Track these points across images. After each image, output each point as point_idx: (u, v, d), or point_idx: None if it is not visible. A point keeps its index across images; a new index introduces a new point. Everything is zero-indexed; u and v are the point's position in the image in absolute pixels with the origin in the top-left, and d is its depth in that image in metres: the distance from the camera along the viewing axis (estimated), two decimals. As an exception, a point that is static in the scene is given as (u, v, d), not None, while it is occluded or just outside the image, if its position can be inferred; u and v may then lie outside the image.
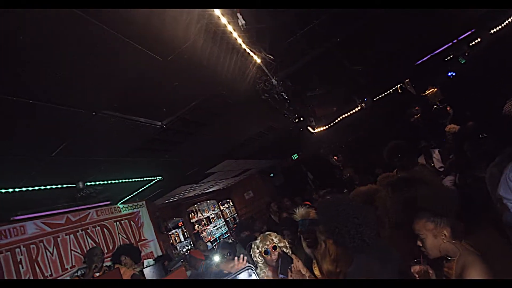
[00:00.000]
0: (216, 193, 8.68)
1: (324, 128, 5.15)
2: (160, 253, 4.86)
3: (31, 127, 1.96)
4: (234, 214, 9.08)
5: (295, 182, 9.06)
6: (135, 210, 4.96)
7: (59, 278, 3.53)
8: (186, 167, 4.65)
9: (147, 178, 4.11)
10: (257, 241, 2.21)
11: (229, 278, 1.31)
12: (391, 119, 6.83)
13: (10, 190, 2.63)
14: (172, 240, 6.34)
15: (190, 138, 3.41)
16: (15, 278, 3.19)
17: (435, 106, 5.85)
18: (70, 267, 3.67)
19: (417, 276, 1.54)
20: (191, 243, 6.73)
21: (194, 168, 4.90)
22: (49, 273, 3.48)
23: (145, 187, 4.37)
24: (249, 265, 1.48)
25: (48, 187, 2.90)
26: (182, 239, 6.67)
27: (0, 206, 2.91)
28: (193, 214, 7.57)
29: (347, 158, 6.90)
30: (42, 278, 3.40)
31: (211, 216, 8.14)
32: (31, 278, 3.32)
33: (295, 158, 9.20)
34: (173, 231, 6.55)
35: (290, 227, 2.84)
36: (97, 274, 2.90)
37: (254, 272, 1.36)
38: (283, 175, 9.35)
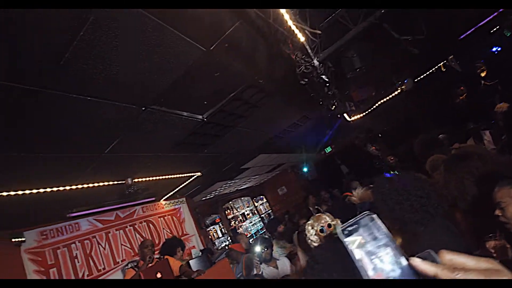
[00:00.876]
0: (249, 190, 8.73)
1: (361, 115, 4.93)
2: (201, 247, 4.98)
3: (86, 125, 2.07)
4: (269, 210, 9.06)
5: (329, 176, 8.82)
6: (176, 206, 5.14)
7: (112, 271, 3.74)
8: (222, 163, 4.71)
9: (188, 174, 4.22)
10: (310, 222, 2.23)
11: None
12: (434, 101, 6.37)
13: (68, 187, 2.83)
14: (211, 236, 6.48)
15: (228, 132, 3.44)
16: (71, 272, 3.42)
17: (483, 83, 5.33)
18: (121, 261, 3.88)
19: (493, 251, 1.41)
20: (229, 238, 6.82)
21: (229, 164, 4.95)
22: (102, 266, 3.71)
23: (185, 183, 4.50)
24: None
25: (100, 184, 3.09)
26: (220, 235, 6.79)
27: (57, 204, 3.14)
28: (228, 211, 7.68)
29: (387, 146, 6.55)
30: (96, 271, 3.63)
31: (246, 213, 8.20)
32: (86, 272, 3.55)
33: (328, 151, 8.96)
34: (211, 227, 6.69)
35: (340, 214, 2.76)
36: (150, 265, 3.02)
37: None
38: (316, 170, 9.15)
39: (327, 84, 2.68)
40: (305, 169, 8.92)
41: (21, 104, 1.60)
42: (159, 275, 2.80)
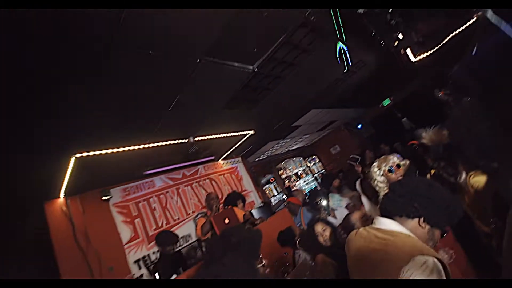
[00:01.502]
0: (301, 150, 8.70)
1: (429, 53, 4.28)
2: (259, 203, 5.25)
3: (149, 82, 2.21)
4: (322, 170, 8.98)
5: (388, 132, 8.14)
6: (233, 165, 5.43)
7: (185, 221, 4.22)
8: (273, 120, 4.70)
9: (241, 133, 4.34)
10: (376, 164, 2.14)
11: None
12: None
13: (141, 146, 3.17)
14: (267, 194, 6.76)
15: (278, 83, 3.35)
16: (152, 222, 3.94)
17: None
18: (192, 212, 4.35)
19: None
20: (284, 196, 7.04)
21: (280, 121, 4.92)
22: (177, 217, 4.20)
23: (240, 142, 4.66)
24: None
25: (167, 143, 3.38)
26: (276, 193, 7.04)
27: (134, 163, 3.56)
28: (282, 171, 7.85)
29: (459, 90, 5.68)
30: (172, 221, 4.14)
31: (299, 172, 8.28)
32: (164, 221, 4.06)
33: (387, 104, 8.20)
34: (266, 186, 6.96)
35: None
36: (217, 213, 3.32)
37: None
38: (372, 126, 8.53)
39: (390, 11, 2.35)
40: (359, 126, 8.43)
41: (98, 67, 1.76)
42: (227, 221, 3.06)
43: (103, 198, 3.59)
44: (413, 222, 1.12)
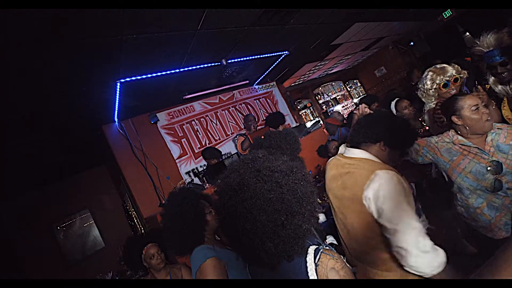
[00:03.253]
0: (341, 73, 8.16)
1: None
2: (295, 125, 5.38)
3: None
4: (363, 94, 8.49)
5: (446, 50, 7.01)
6: (268, 90, 5.43)
7: (225, 141, 4.60)
8: (310, 38, 4.36)
9: (275, 54, 4.17)
10: (430, 74, 1.99)
11: None
12: None
13: (177, 70, 3.29)
14: (303, 119, 6.81)
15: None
16: (196, 141, 4.36)
17: None
18: (231, 133, 4.68)
19: None
20: (320, 122, 7.04)
21: (318, 39, 4.54)
22: (218, 137, 4.58)
23: (274, 64, 4.53)
24: None
25: (201, 66, 3.45)
26: (312, 118, 7.04)
27: (174, 88, 3.77)
28: (319, 96, 7.63)
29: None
30: (214, 141, 4.53)
31: (338, 97, 7.97)
32: (207, 141, 4.47)
33: (448, 16, 6.88)
34: (302, 111, 6.95)
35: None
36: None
37: None
38: (427, 42, 7.40)
39: None
40: (411, 43, 7.40)
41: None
42: (263, 138, 3.27)
43: (152, 121, 4.01)
44: (376, 147, 1.32)
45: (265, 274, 0.90)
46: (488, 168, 1.46)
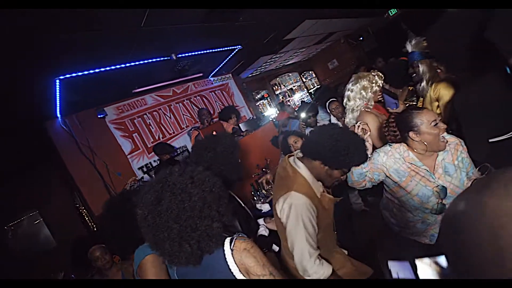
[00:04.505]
0: (297, 65, 8.45)
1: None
2: (250, 117, 5.54)
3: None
4: (318, 85, 8.92)
5: (392, 46, 7.59)
6: (224, 82, 5.47)
7: (179, 135, 4.60)
8: (262, 33, 4.46)
9: (228, 48, 4.21)
10: (364, 81, 2.17)
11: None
12: None
13: (123, 65, 3.18)
14: (260, 109, 7.00)
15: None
16: (149, 135, 4.30)
17: None
18: (186, 127, 4.68)
19: None
20: (277, 111, 7.29)
21: (271, 34, 4.66)
22: (172, 131, 4.55)
23: (228, 58, 4.57)
24: None
25: (150, 60, 3.37)
26: (269, 109, 7.26)
27: (122, 83, 3.64)
28: (276, 87, 7.85)
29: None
30: (168, 134, 4.50)
31: (294, 88, 8.28)
32: (161, 135, 4.42)
33: (393, 14, 7.43)
34: (260, 101, 7.13)
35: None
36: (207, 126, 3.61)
37: None
38: (375, 38, 7.95)
39: None
40: (360, 38, 7.90)
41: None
42: (214, 133, 3.36)
43: (100, 116, 3.84)
44: (316, 163, 1.36)
45: (189, 270, 1.05)
46: (434, 192, 1.47)
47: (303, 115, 3.55)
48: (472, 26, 1.46)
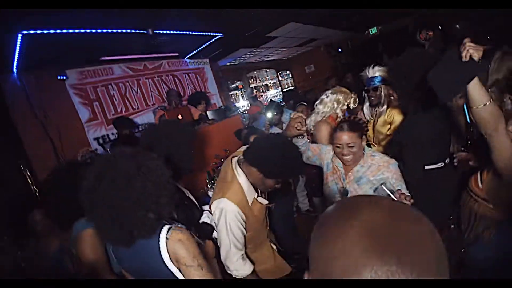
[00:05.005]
0: (276, 62, 8.56)
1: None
2: (221, 105, 5.55)
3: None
4: (292, 86, 9.15)
5: (366, 62, 8.03)
6: (200, 66, 5.39)
7: (144, 111, 4.47)
8: (245, 27, 4.47)
9: (209, 34, 4.16)
10: (341, 95, 2.37)
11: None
12: None
13: (94, 30, 3.01)
14: (233, 99, 7.02)
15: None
16: (111, 107, 4.12)
17: None
18: (152, 104, 4.56)
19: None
20: (249, 104, 7.38)
21: (254, 29, 4.69)
22: (136, 106, 4.40)
23: (207, 44, 4.52)
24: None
25: (125, 31, 3.23)
26: (241, 100, 7.32)
27: (91, 49, 3.43)
28: (252, 80, 7.91)
29: (440, 33, 5.58)
30: (131, 109, 4.34)
31: (269, 84, 8.41)
32: (124, 108, 4.25)
33: (373, 33, 7.85)
34: (233, 91, 7.14)
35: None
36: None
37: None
38: (353, 52, 8.35)
39: None
40: (339, 50, 8.24)
41: None
42: (180, 117, 3.33)
43: (59, 77, 3.59)
44: (253, 169, 1.42)
45: (122, 249, 1.09)
46: (339, 191, 1.73)
47: (269, 114, 3.67)
48: (428, 64, 1.65)
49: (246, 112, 6.06)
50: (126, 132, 3.45)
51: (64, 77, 3.63)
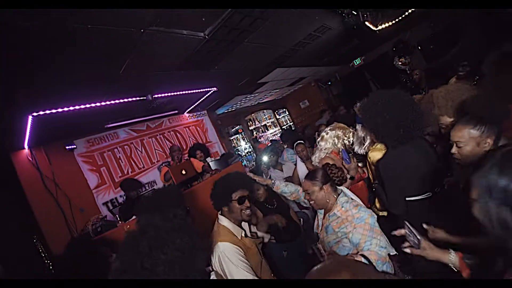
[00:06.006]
0: (272, 103, 8.93)
1: (390, 23, 4.38)
2: (223, 152, 5.70)
3: (99, 50, 2.28)
4: (291, 122, 9.42)
5: (356, 91, 8.40)
6: (199, 118, 5.68)
7: (150, 169, 4.62)
8: (237, 78, 4.81)
9: (203, 90, 4.48)
10: (340, 131, 2.50)
11: None
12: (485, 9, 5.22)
13: (98, 104, 3.29)
14: (234, 144, 7.22)
15: (235, 47, 3.41)
16: (118, 170, 4.29)
17: None
18: (156, 161, 4.72)
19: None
20: (250, 146, 7.55)
21: (245, 78, 5.03)
22: (142, 165, 4.57)
23: (203, 98, 4.82)
24: None
25: (126, 100, 3.51)
26: (243, 143, 7.51)
27: (96, 118, 3.71)
28: (251, 122, 8.19)
29: (418, 60, 5.92)
30: (137, 169, 4.51)
31: (267, 124, 8.68)
32: (130, 169, 4.42)
33: (358, 63, 8.30)
34: (234, 136, 7.37)
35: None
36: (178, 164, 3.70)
37: None
38: (341, 84, 8.76)
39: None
40: (329, 83, 8.64)
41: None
42: (183, 172, 3.45)
43: (67, 148, 3.82)
44: (224, 208, 1.71)
45: None
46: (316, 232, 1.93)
47: (265, 158, 3.78)
48: (391, 103, 1.75)
49: (249, 154, 6.19)
50: (133, 193, 3.55)
51: (73, 146, 3.85)
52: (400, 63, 5.44)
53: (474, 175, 0.79)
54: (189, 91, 4.22)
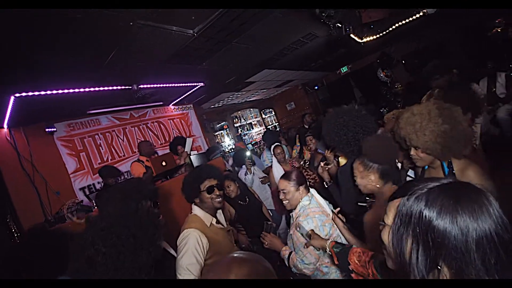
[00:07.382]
0: (258, 102, 9.07)
1: (375, 37, 4.60)
2: (206, 147, 5.79)
3: (87, 37, 2.32)
4: (276, 123, 9.60)
5: (341, 98, 8.70)
6: (185, 111, 5.73)
7: (129, 158, 4.63)
8: (224, 76, 4.90)
9: (190, 84, 4.54)
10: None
11: None
12: (463, 30, 5.60)
13: (82, 89, 3.30)
14: (218, 140, 7.30)
15: (223, 47, 3.51)
16: (98, 156, 4.30)
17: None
18: (137, 151, 4.73)
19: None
20: (234, 144, 7.67)
21: (232, 77, 5.13)
22: (123, 154, 4.59)
23: (189, 92, 4.88)
24: None
25: (110, 88, 3.53)
26: (227, 139, 7.61)
27: (79, 104, 3.71)
28: (236, 120, 8.30)
29: (401, 73, 6.22)
30: (118, 157, 4.52)
31: (253, 123, 8.81)
32: (110, 157, 4.43)
33: (344, 71, 8.59)
34: (218, 132, 7.45)
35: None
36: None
37: None
38: (328, 89, 9.03)
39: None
40: (316, 87, 8.88)
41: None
42: (163, 163, 3.52)
43: (47, 130, 3.79)
44: (197, 200, 1.81)
45: None
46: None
47: (248, 153, 3.92)
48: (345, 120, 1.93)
49: (232, 150, 6.31)
50: (111, 181, 3.59)
51: (53, 129, 3.82)
52: (383, 74, 5.71)
53: (392, 201, 0.76)
54: (176, 85, 4.27)
